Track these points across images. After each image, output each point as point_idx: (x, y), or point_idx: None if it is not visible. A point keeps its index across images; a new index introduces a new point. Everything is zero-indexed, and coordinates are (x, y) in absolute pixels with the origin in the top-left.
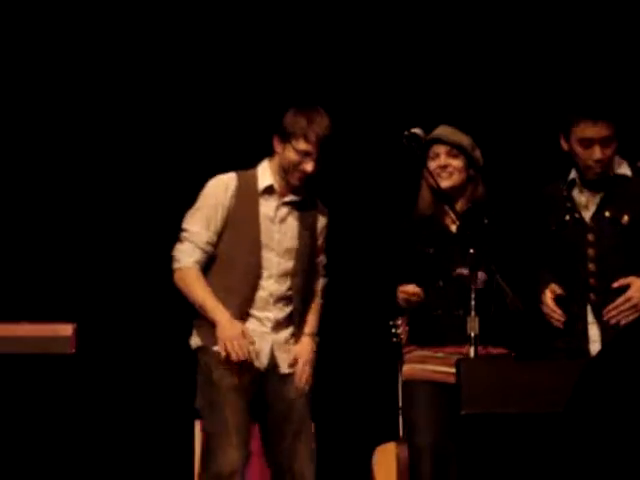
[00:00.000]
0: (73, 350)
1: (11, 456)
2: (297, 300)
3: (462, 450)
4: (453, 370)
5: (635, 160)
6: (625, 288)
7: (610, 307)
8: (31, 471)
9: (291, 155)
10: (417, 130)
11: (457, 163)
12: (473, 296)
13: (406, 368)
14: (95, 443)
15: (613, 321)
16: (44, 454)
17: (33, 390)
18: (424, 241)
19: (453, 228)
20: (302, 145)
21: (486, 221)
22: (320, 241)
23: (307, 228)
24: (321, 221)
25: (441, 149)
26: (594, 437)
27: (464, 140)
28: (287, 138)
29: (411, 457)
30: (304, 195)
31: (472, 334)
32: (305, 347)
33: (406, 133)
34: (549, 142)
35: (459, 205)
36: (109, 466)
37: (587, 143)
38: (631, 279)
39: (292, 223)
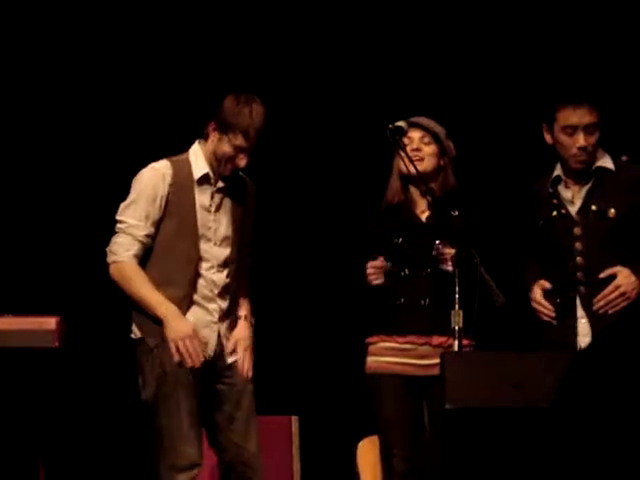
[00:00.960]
0: (57, 344)
1: None
2: (234, 287)
3: (446, 445)
4: (414, 361)
5: (618, 154)
6: (612, 278)
7: (599, 297)
8: (15, 466)
9: (226, 148)
10: (401, 123)
11: (429, 149)
12: (457, 289)
13: (369, 361)
14: (80, 437)
15: (602, 311)
16: (27, 449)
17: (16, 384)
18: (393, 231)
19: (423, 217)
20: (240, 141)
21: (455, 213)
22: (249, 220)
23: (239, 213)
24: (250, 200)
25: (415, 134)
26: (582, 432)
27: (438, 128)
28: (224, 130)
29: (382, 452)
30: (234, 180)
31: (456, 328)
32: (243, 331)
33: (390, 126)
34: (534, 139)
35: (425, 192)
36: (94, 460)
37: (571, 130)
38: (618, 268)
39: (226, 210)
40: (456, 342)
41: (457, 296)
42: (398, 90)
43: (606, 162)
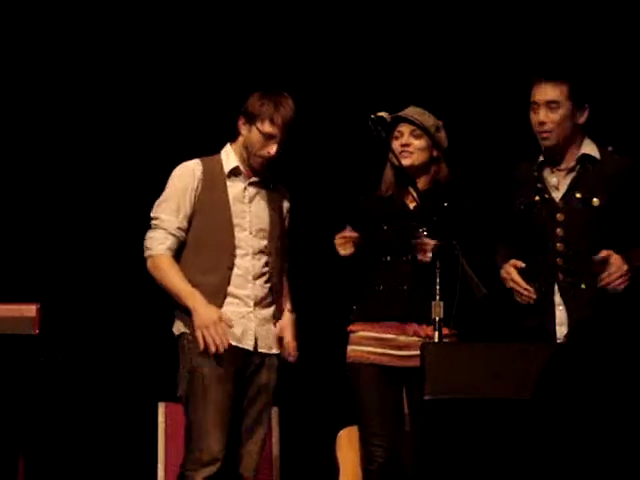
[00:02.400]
0: (36, 331)
1: None
2: (274, 278)
3: (425, 436)
4: (392, 352)
5: (604, 144)
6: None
7: (604, 275)
8: None
9: (255, 137)
10: (383, 113)
11: (419, 143)
12: (438, 280)
13: (349, 350)
14: (58, 424)
15: (610, 287)
16: (7, 437)
17: None
18: (382, 218)
19: (411, 206)
20: (267, 128)
21: (446, 204)
22: (285, 224)
23: (274, 208)
24: (285, 204)
25: (405, 128)
26: (560, 423)
27: (429, 121)
28: (252, 120)
29: (362, 441)
30: (268, 177)
31: (437, 318)
32: (290, 322)
33: (372, 117)
34: (520, 122)
35: (420, 185)
36: (72, 447)
37: (535, 107)
38: (611, 252)
39: (261, 203)
40: (436, 333)
41: (438, 287)
42: (383, 76)
43: (591, 150)
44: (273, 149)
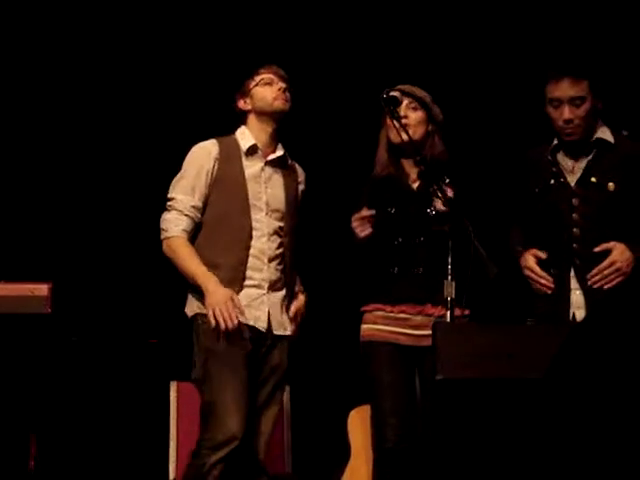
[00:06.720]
0: (49, 310)
1: None
2: (288, 259)
3: (437, 415)
4: (408, 331)
5: (619, 128)
6: (607, 252)
7: (594, 272)
8: (5, 429)
9: (261, 91)
10: (395, 93)
11: (417, 116)
12: (450, 260)
13: (363, 329)
14: (69, 403)
15: (597, 285)
16: (18, 413)
17: (8, 350)
18: (385, 201)
19: (414, 186)
20: (261, 75)
21: (447, 180)
22: (298, 204)
23: (290, 188)
24: (300, 185)
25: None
26: (572, 404)
27: (423, 93)
28: (248, 87)
29: (374, 420)
30: (285, 152)
31: (449, 298)
32: (303, 303)
33: (384, 96)
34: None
35: (417, 160)
36: (83, 425)
37: (556, 103)
38: (613, 244)
39: (278, 183)
40: (448, 312)
41: (450, 267)
42: (389, 58)
43: (605, 134)
44: (280, 84)
